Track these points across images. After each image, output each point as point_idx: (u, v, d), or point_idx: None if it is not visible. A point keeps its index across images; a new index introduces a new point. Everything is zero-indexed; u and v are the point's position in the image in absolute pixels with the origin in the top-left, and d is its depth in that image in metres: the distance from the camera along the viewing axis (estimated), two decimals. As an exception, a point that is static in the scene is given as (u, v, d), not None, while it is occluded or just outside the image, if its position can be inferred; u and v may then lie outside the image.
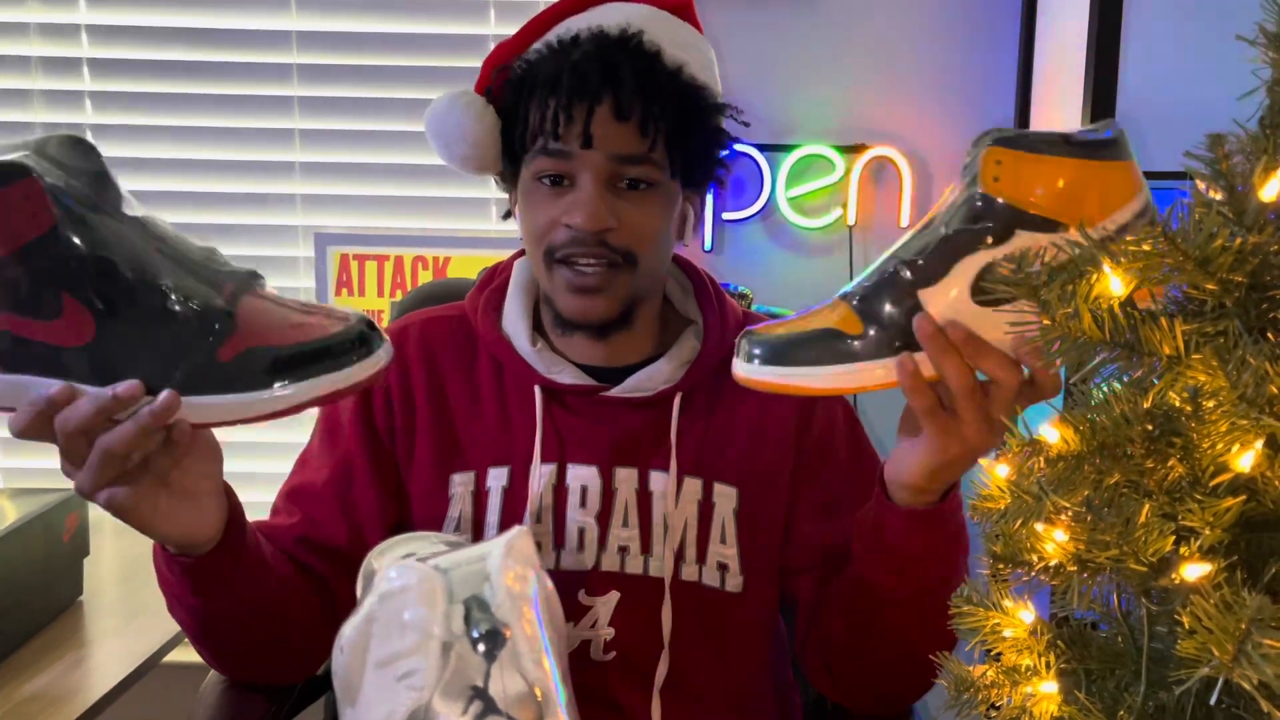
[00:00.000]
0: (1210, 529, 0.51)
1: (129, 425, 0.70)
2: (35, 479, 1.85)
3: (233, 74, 1.81)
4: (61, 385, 0.69)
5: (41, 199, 0.66)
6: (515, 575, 0.40)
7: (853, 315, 0.76)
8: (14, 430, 0.71)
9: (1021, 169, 0.70)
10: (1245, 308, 0.52)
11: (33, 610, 1.25)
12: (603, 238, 0.92)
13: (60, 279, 0.68)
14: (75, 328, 0.68)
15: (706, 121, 0.96)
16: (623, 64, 0.90)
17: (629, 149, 0.91)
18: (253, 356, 0.71)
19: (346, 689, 0.41)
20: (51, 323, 0.68)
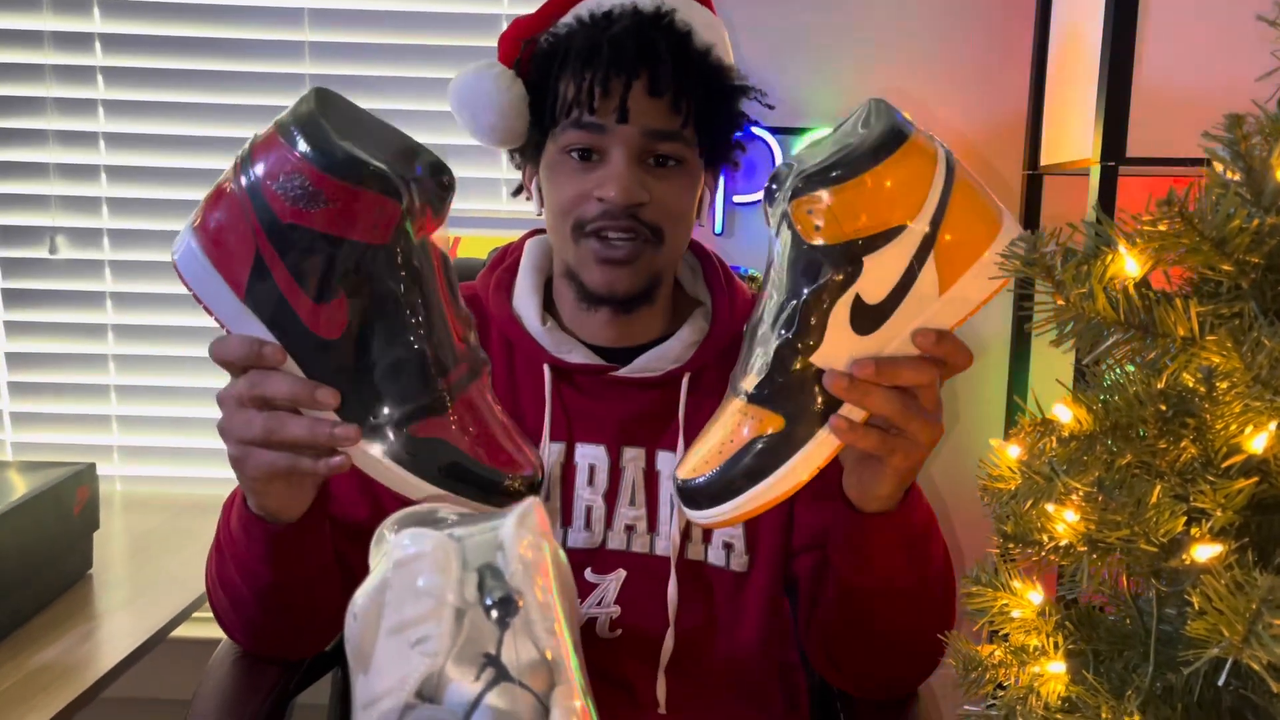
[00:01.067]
0: (1222, 510, 0.52)
1: (305, 424, 0.73)
2: (46, 453, 1.86)
3: (244, 51, 1.81)
4: (278, 345, 0.72)
5: (391, 222, 0.69)
6: (528, 544, 0.41)
7: (765, 412, 0.75)
8: (214, 350, 0.74)
9: (834, 207, 0.69)
10: (1261, 289, 0.52)
11: (43, 583, 1.25)
12: (634, 212, 0.93)
13: (350, 282, 0.70)
14: (328, 321, 0.71)
15: (732, 102, 0.97)
16: (659, 40, 0.91)
17: (662, 124, 0.92)
18: (439, 449, 0.73)
19: (359, 656, 0.42)
20: (314, 303, 0.71)
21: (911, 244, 0.71)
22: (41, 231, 1.85)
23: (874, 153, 0.69)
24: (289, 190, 0.68)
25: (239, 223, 0.71)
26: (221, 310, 0.73)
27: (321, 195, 0.68)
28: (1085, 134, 1.39)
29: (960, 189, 0.72)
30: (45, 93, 1.82)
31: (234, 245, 0.71)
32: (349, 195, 0.68)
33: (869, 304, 0.72)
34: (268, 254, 0.70)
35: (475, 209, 1.83)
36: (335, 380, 0.72)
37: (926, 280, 0.72)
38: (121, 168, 1.84)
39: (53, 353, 1.88)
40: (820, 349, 0.73)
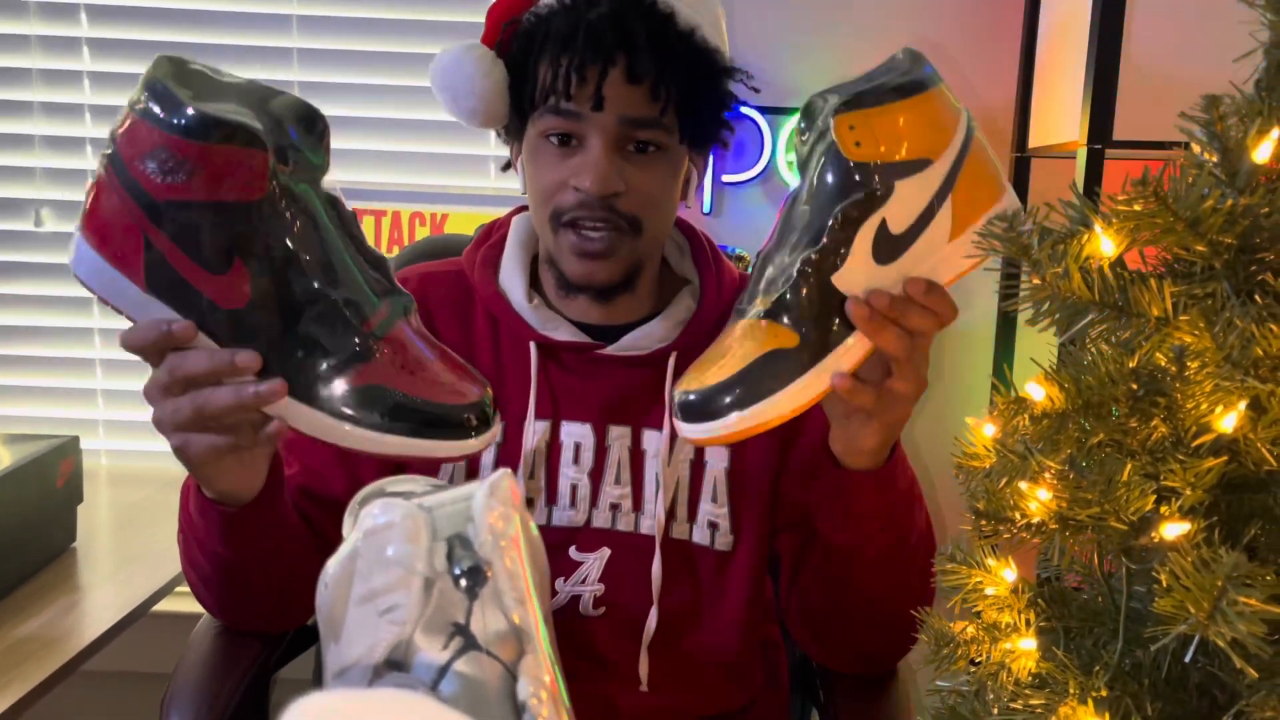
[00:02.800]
0: (1191, 489, 0.52)
1: (229, 392, 0.72)
2: (31, 427, 1.86)
3: (231, 24, 1.79)
4: (186, 323, 0.71)
5: (262, 173, 0.68)
6: (499, 515, 0.41)
7: (781, 329, 0.75)
8: (124, 340, 0.74)
9: (874, 127, 0.73)
10: (1234, 269, 0.52)
11: (26, 555, 1.25)
12: (610, 202, 0.92)
13: (242, 246, 0.69)
14: (231, 291, 0.70)
15: (717, 85, 0.95)
16: (637, 25, 0.88)
17: (640, 112, 0.90)
18: (377, 394, 0.71)
19: (330, 625, 0.42)
20: (213, 275, 0.69)
21: (935, 181, 0.74)
22: (26, 204, 1.84)
23: (911, 87, 0.74)
24: (155, 167, 0.67)
25: (120, 213, 0.70)
26: (129, 305, 0.73)
27: (186, 164, 0.67)
28: (1073, 117, 1.39)
29: (976, 147, 0.77)
30: (30, 64, 1.80)
31: (121, 237, 0.70)
32: (212, 156, 0.67)
33: (893, 232, 0.74)
34: (154, 236, 0.69)
35: (462, 185, 1.82)
36: (254, 346, 0.71)
37: (941, 222, 0.75)
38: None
39: (38, 326, 1.87)
40: (842, 270, 0.74)
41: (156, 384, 0.74)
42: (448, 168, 1.83)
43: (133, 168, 0.68)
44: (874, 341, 0.75)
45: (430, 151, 1.82)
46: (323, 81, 1.81)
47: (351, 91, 1.81)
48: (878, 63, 0.82)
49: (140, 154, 0.67)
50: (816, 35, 1.72)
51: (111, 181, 0.69)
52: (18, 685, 1.01)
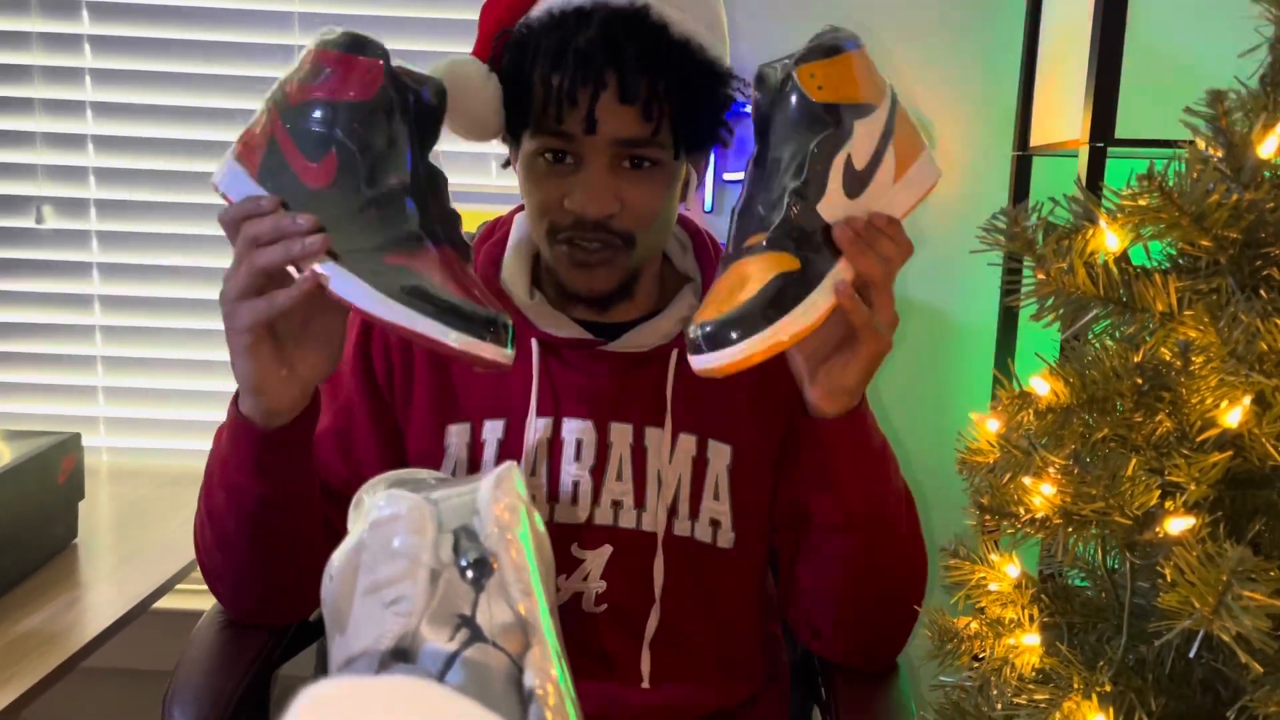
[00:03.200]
0: (1196, 484, 0.52)
1: (280, 247, 0.78)
2: (32, 424, 1.86)
3: (233, 21, 1.79)
4: (272, 197, 0.81)
5: (377, 78, 0.80)
6: (504, 507, 0.41)
7: (783, 255, 0.81)
8: (221, 215, 0.82)
9: (831, 73, 0.82)
10: (1239, 265, 0.52)
11: (28, 551, 1.25)
12: (606, 223, 0.92)
13: (340, 138, 0.80)
14: (319, 174, 0.80)
15: (713, 96, 0.94)
16: (627, 44, 0.86)
17: (633, 133, 0.89)
18: (406, 274, 0.78)
19: (336, 616, 0.42)
20: (309, 162, 0.80)
21: (880, 124, 0.84)
22: (28, 201, 1.84)
23: (849, 45, 0.84)
24: (301, 77, 0.81)
25: (265, 124, 0.82)
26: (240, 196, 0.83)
27: (322, 67, 0.81)
28: (1075, 115, 1.38)
29: (899, 103, 0.87)
30: (32, 61, 1.80)
31: (258, 142, 0.82)
32: (343, 62, 0.80)
33: (856, 169, 0.82)
34: (279, 134, 0.81)
35: (464, 184, 1.82)
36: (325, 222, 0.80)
37: (888, 163, 0.84)
38: (109, 137, 1.82)
39: (39, 323, 1.87)
40: (824, 199, 0.81)
41: (234, 257, 0.80)
42: (449, 165, 1.80)
43: (286, 82, 0.83)
44: (856, 265, 0.81)
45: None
46: (324, 79, 1.81)
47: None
48: (882, 61, 0.87)
49: (297, 71, 0.82)
50: (813, 33, 1.72)
51: (269, 100, 0.83)
52: (18, 682, 1.01)
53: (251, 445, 0.86)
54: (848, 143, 0.82)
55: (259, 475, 0.87)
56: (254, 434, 0.85)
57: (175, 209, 1.84)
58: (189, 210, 1.84)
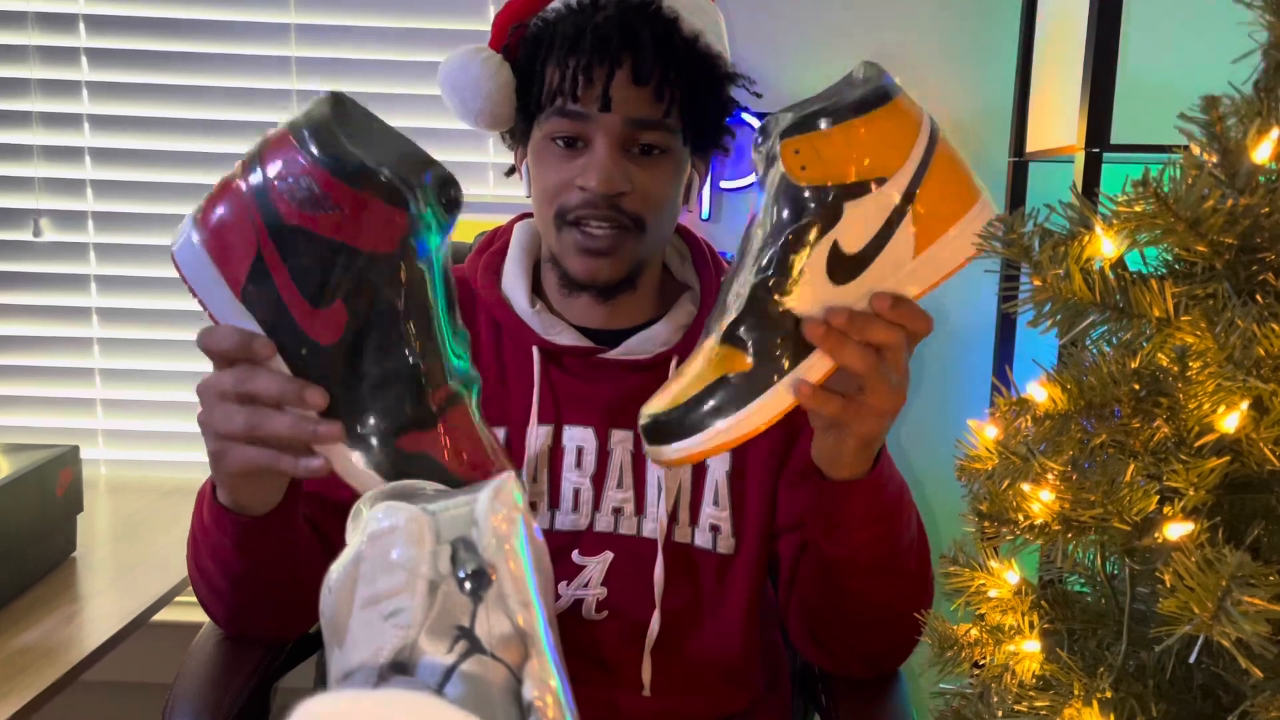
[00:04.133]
0: (1194, 490, 0.52)
1: (289, 421, 0.72)
2: (30, 437, 1.86)
3: (230, 33, 1.80)
4: (268, 341, 0.71)
5: (398, 232, 0.69)
6: (502, 518, 0.41)
7: (735, 352, 0.76)
8: (202, 340, 0.74)
9: (821, 150, 0.72)
10: (1235, 270, 0.53)
11: (27, 564, 1.25)
12: (615, 201, 0.93)
13: (350, 292, 0.70)
14: (324, 326, 0.70)
15: (720, 90, 0.97)
16: (642, 28, 0.90)
17: (645, 113, 0.92)
18: (423, 464, 0.72)
19: (334, 629, 0.42)
20: (312, 307, 0.70)
21: (889, 200, 0.73)
22: (25, 214, 1.84)
23: (859, 105, 0.72)
24: (297, 193, 0.68)
25: (243, 221, 0.70)
26: (216, 306, 0.73)
27: (329, 200, 0.68)
28: (1070, 121, 1.39)
29: (941, 158, 0.75)
30: (29, 74, 1.80)
31: (235, 243, 0.70)
32: (357, 203, 0.68)
33: (846, 253, 0.73)
34: (269, 255, 0.70)
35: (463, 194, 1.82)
36: (324, 384, 0.72)
37: (902, 239, 0.74)
38: (106, 150, 1.83)
39: (37, 336, 1.87)
40: (795, 292, 0.74)
41: (216, 388, 0.74)
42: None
43: (272, 184, 0.69)
44: (835, 359, 0.75)
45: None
46: (320, 89, 1.81)
47: (350, 100, 1.81)
48: None
49: (285, 175, 0.69)
50: (814, 42, 1.73)
51: (245, 186, 0.71)
52: (18, 695, 1.00)
53: (234, 530, 0.85)
54: (834, 229, 0.73)
55: (243, 553, 0.87)
56: (235, 521, 0.84)
57: (173, 221, 1.84)
58: (186, 222, 1.84)
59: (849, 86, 0.76)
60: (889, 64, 1.50)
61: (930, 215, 0.74)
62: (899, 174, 0.73)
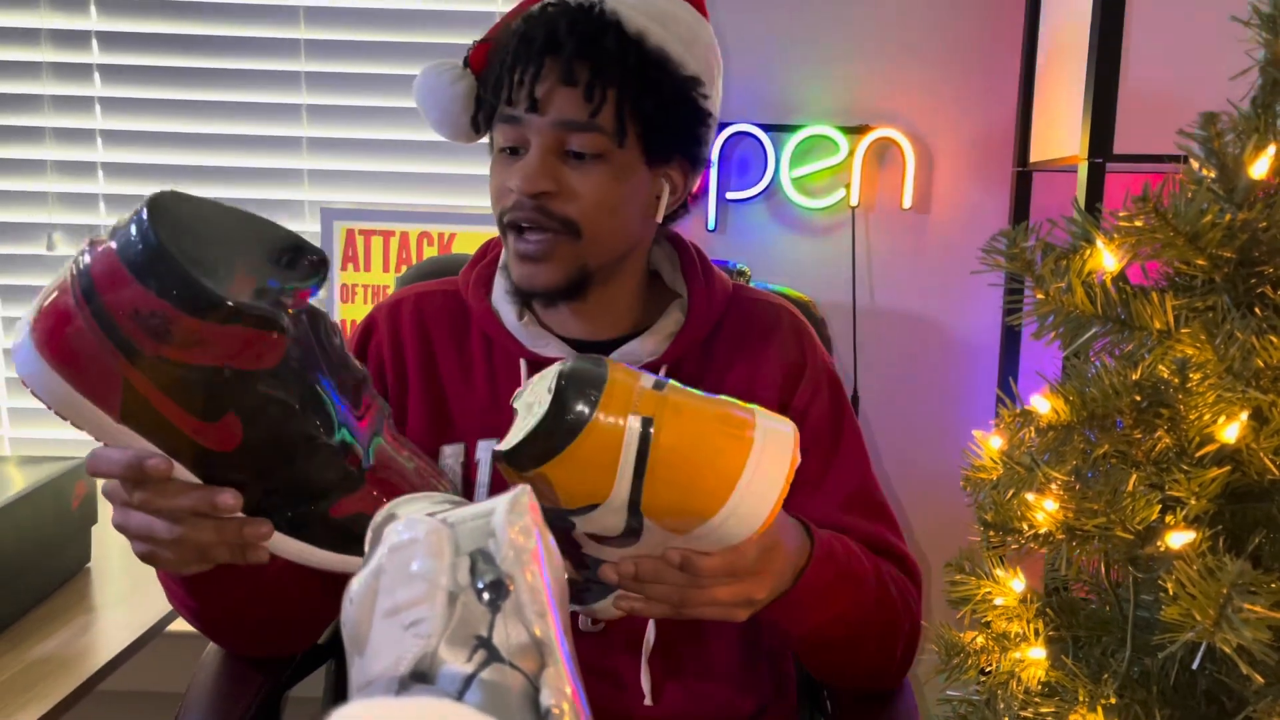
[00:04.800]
0: (1196, 499, 0.53)
1: (212, 529, 0.70)
2: (42, 448, 1.87)
3: (241, 49, 1.82)
4: (164, 460, 0.67)
5: (276, 349, 0.65)
6: (519, 530, 0.42)
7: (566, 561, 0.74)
8: (91, 468, 0.70)
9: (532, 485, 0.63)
10: (1234, 283, 0.54)
11: (42, 575, 1.26)
12: (543, 203, 0.92)
13: (239, 404, 0.65)
14: (220, 435, 0.66)
15: (664, 91, 0.93)
16: (570, 31, 0.89)
17: (573, 114, 0.90)
18: (351, 521, 0.70)
19: (355, 639, 0.43)
20: (202, 423, 0.65)
21: (618, 510, 0.67)
22: (39, 228, 1.86)
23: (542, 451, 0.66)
24: (151, 327, 0.62)
25: (96, 351, 0.63)
26: (96, 429, 0.67)
27: (193, 334, 0.62)
28: (1073, 131, 1.40)
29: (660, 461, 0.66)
30: (42, 90, 1.82)
31: (96, 372, 0.64)
32: (223, 334, 0.63)
33: (607, 536, 0.70)
34: (139, 382, 0.64)
35: (468, 205, 1.84)
36: (236, 484, 0.68)
37: (651, 533, 0.69)
38: (118, 165, 1.85)
39: (49, 349, 1.89)
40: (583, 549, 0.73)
41: (122, 501, 0.71)
42: (454, 188, 1.85)
43: (120, 317, 0.62)
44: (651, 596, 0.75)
45: (437, 172, 1.84)
46: (330, 104, 1.83)
47: (359, 114, 1.83)
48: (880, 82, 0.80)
49: (130, 309, 0.62)
50: (818, 54, 1.74)
51: (87, 317, 0.63)
52: (36, 705, 1.01)
53: (181, 583, 0.84)
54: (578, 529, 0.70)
55: (199, 598, 0.86)
56: (179, 578, 0.83)
57: (184, 234, 1.86)
58: (197, 235, 1.86)
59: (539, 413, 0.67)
60: (893, 76, 1.51)
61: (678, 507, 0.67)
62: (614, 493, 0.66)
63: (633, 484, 0.66)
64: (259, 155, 1.84)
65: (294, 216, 1.86)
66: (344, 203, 1.82)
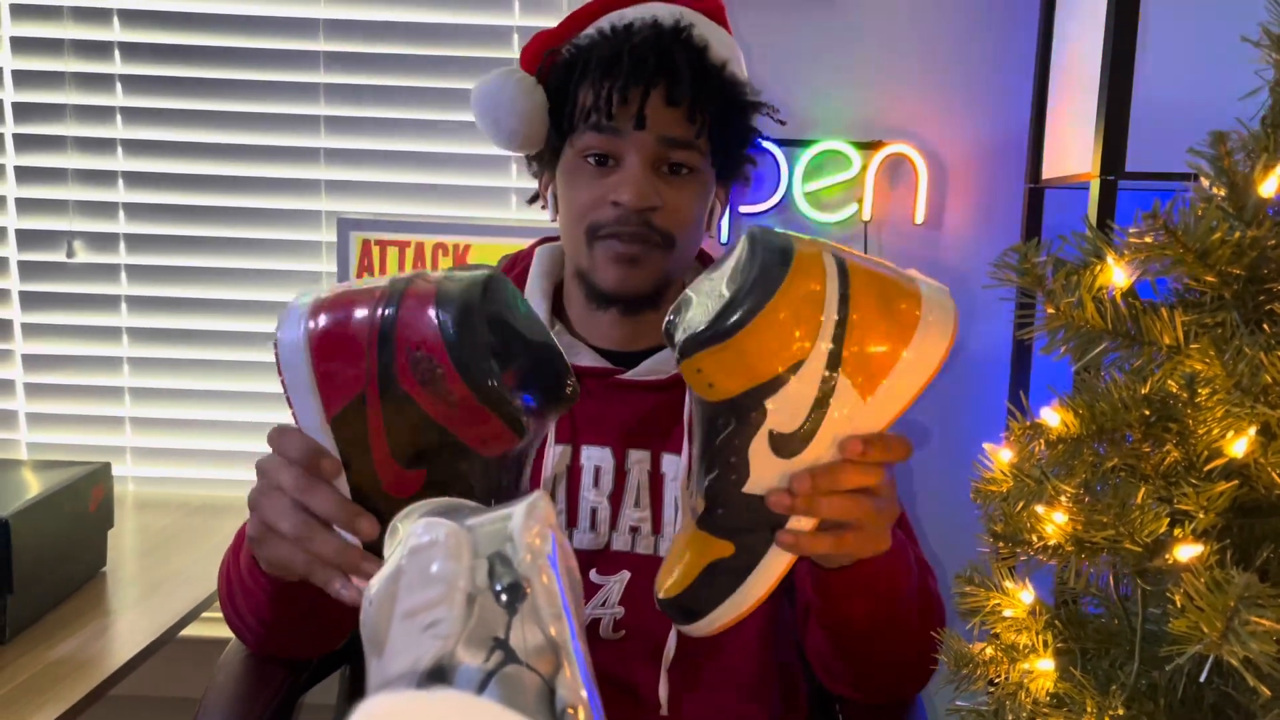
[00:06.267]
0: (1204, 513, 0.53)
1: (335, 547, 0.72)
2: (60, 454, 1.89)
3: (260, 60, 1.84)
4: (338, 463, 0.71)
5: (506, 446, 0.70)
6: (536, 533, 0.43)
7: (715, 540, 0.74)
8: (272, 437, 0.74)
9: (722, 364, 0.68)
10: (1243, 299, 0.54)
11: (59, 578, 1.28)
12: (647, 217, 0.96)
13: (438, 466, 0.70)
14: (400, 484, 0.70)
15: (746, 116, 1.01)
16: (677, 52, 0.94)
17: (677, 133, 0.95)
18: None
19: (374, 640, 0.44)
20: (396, 465, 0.70)
21: (816, 370, 0.68)
22: (59, 235, 1.88)
23: (754, 306, 0.67)
24: (420, 368, 0.67)
25: (357, 355, 0.68)
26: (302, 414, 0.71)
27: (451, 396, 0.67)
28: (1085, 149, 1.41)
29: (860, 297, 0.69)
30: (65, 100, 1.85)
31: (342, 371, 0.69)
32: (477, 412, 0.67)
33: (786, 433, 0.70)
34: (372, 404, 0.68)
35: (485, 217, 1.85)
36: (379, 519, 0.71)
37: (845, 393, 0.70)
38: (139, 174, 1.87)
39: (68, 354, 1.91)
40: (750, 479, 0.72)
41: (274, 479, 0.74)
42: (470, 200, 1.86)
43: (401, 340, 0.67)
44: (816, 516, 0.73)
45: (453, 184, 1.85)
46: (348, 116, 1.85)
47: (377, 125, 1.85)
48: (893, 98, 0.82)
49: (417, 343, 0.67)
50: (831, 69, 1.75)
51: (370, 322, 0.68)
52: (54, 705, 1.03)
53: (266, 586, 0.85)
54: (763, 424, 0.69)
55: (276, 607, 0.88)
56: (268, 579, 0.84)
57: (202, 243, 1.88)
58: (215, 244, 1.88)
59: (736, 279, 0.69)
60: (906, 93, 1.51)
61: (868, 360, 0.69)
62: (816, 346, 0.67)
63: (836, 326, 0.67)
64: (277, 165, 1.86)
65: (311, 226, 1.87)
66: (360, 213, 1.83)
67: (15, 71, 1.84)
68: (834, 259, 0.69)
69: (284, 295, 1.88)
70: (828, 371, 0.68)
